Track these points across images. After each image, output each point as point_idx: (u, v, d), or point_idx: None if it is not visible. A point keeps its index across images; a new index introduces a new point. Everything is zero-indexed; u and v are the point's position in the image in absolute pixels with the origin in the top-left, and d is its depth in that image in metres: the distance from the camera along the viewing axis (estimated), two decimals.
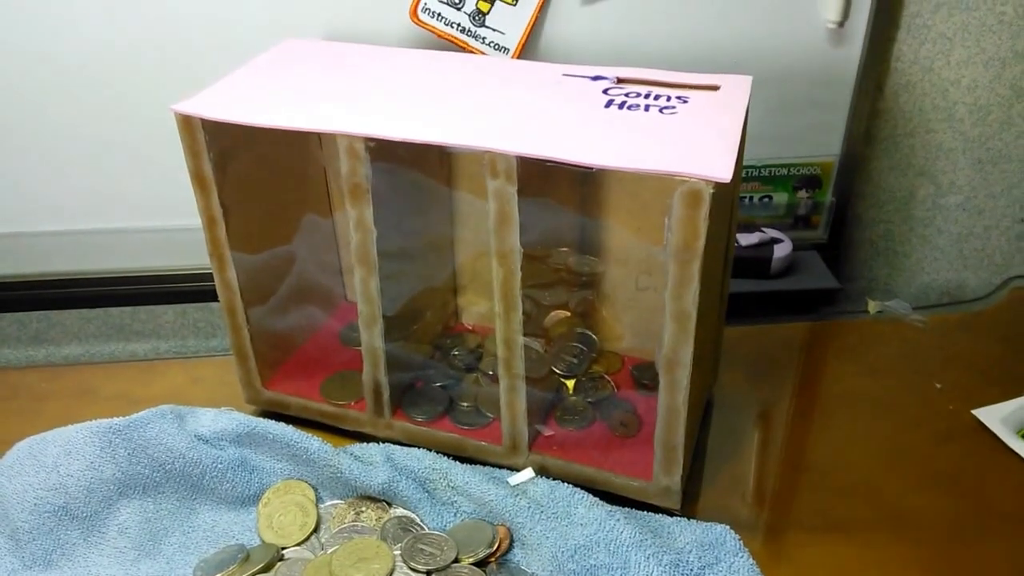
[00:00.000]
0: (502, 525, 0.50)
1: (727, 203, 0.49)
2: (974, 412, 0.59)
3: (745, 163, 0.62)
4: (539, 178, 0.47)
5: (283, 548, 0.50)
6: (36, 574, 0.48)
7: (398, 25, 0.63)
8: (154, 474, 0.52)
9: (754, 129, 0.50)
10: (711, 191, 0.40)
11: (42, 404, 0.62)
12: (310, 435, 0.53)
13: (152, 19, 0.64)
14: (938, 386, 0.61)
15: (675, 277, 0.43)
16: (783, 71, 0.57)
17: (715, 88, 0.49)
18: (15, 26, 0.64)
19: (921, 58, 0.70)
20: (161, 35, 0.65)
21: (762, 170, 0.72)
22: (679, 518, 0.50)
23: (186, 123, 0.49)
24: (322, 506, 0.52)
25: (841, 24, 0.65)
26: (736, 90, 0.49)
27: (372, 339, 0.54)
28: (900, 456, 0.56)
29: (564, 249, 0.59)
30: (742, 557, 0.46)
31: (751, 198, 0.74)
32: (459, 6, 0.62)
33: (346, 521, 0.51)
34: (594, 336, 0.62)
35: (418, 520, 0.51)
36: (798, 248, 0.72)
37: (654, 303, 0.58)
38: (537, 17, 0.63)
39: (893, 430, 0.58)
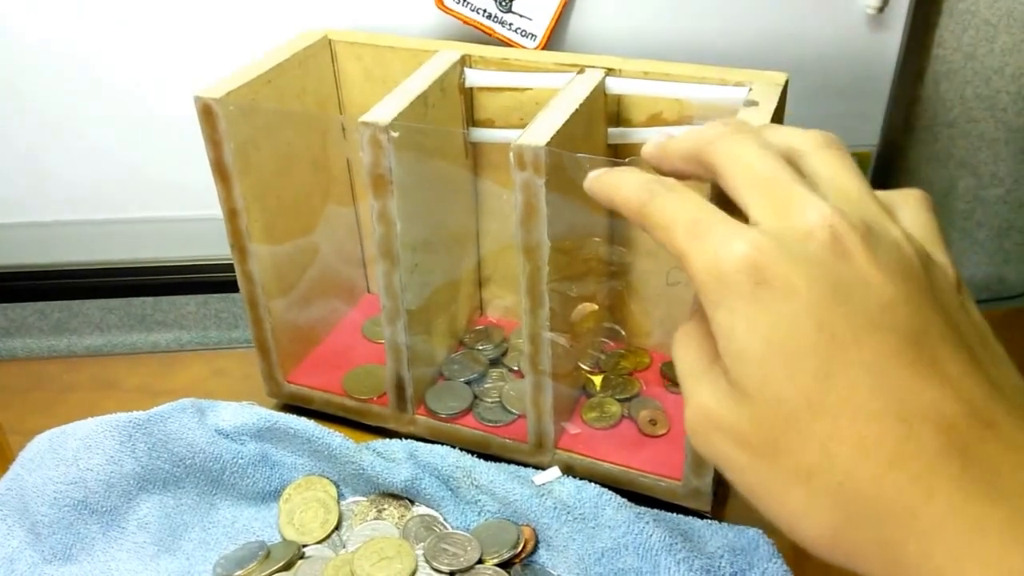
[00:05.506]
0: (527, 526, 0.48)
1: None
2: None
3: None
4: (567, 169, 0.45)
5: (304, 545, 0.49)
6: (56, 568, 0.48)
7: (424, 12, 0.62)
8: (174, 469, 0.51)
9: (790, 118, 0.49)
10: None
11: (64, 395, 0.62)
12: (332, 430, 0.52)
13: (175, 6, 0.63)
14: None
15: None
16: (820, 58, 0.55)
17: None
18: (35, 14, 0.63)
19: (964, 45, 0.68)
20: (184, 23, 0.64)
21: None
22: (710, 521, 0.48)
23: (206, 111, 0.48)
24: (343, 503, 0.51)
25: (881, 10, 0.63)
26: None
27: (395, 334, 0.52)
28: None
29: (593, 239, 0.58)
30: (776, 563, 0.45)
31: None
32: None
33: (368, 518, 0.50)
34: (622, 331, 0.60)
35: (441, 519, 0.50)
36: None
37: (685, 298, 0.57)
38: (566, 4, 0.61)
39: None
